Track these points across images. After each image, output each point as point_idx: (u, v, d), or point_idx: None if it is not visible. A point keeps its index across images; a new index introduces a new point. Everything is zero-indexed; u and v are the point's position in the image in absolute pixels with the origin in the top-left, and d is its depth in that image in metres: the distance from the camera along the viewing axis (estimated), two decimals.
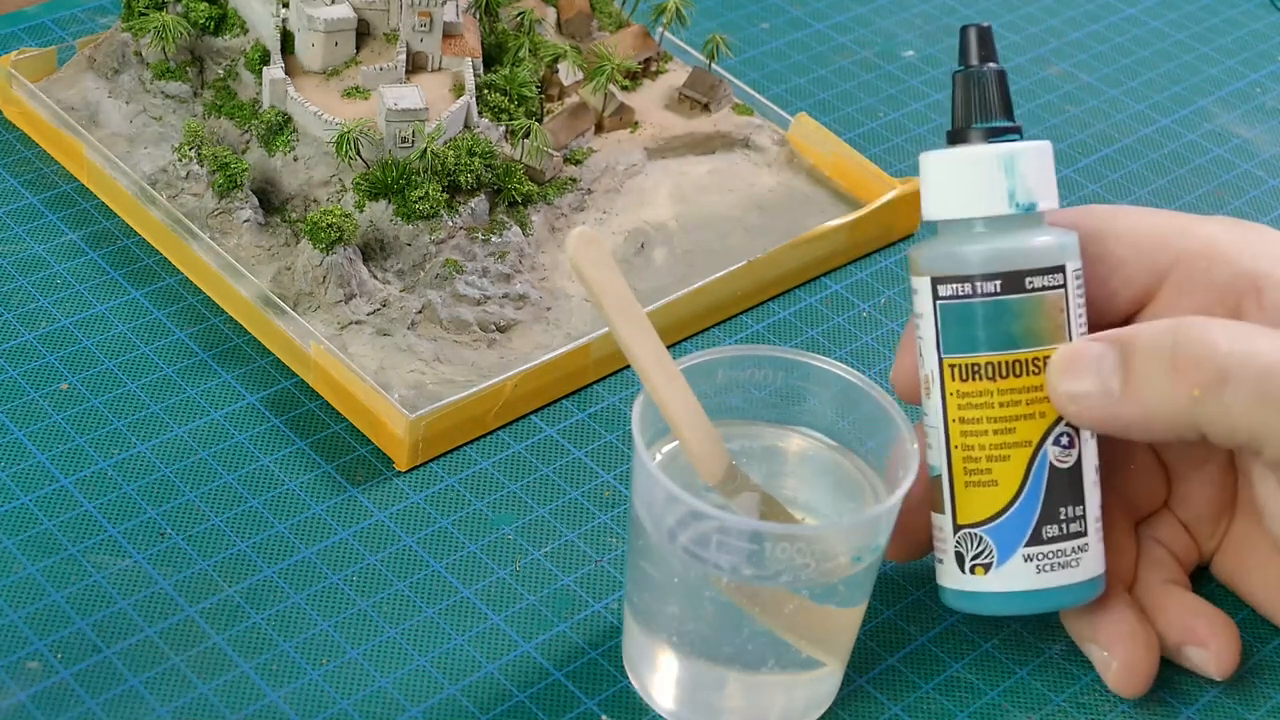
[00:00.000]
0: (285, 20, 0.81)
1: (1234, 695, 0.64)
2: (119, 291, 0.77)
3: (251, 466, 0.70)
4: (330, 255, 0.74)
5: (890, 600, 0.66)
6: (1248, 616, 0.66)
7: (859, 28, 0.99)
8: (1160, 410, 0.56)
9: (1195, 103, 0.95)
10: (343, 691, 0.61)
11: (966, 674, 0.64)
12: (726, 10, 0.99)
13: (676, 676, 0.61)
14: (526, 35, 0.84)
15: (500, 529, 0.68)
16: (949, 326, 0.58)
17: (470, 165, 0.76)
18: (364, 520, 0.68)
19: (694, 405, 0.57)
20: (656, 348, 0.56)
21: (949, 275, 0.58)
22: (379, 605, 0.65)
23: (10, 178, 0.83)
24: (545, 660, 0.63)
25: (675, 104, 0.86)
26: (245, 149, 0.80)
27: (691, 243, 0.80)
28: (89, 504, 0.67)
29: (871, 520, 0.58)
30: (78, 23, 0.92)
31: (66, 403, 0.71)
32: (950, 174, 0.59)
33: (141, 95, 0.84)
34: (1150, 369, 0.56)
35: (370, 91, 0.80)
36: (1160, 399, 0.56)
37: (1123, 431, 0.57)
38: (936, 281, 0.58)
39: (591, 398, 0.74)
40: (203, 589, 0.64)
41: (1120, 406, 0.56)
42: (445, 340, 0.74)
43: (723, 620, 0.58)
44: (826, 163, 0.85)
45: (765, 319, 0.79)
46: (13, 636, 0.62)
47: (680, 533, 0.57)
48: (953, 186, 0.59)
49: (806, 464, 0.62)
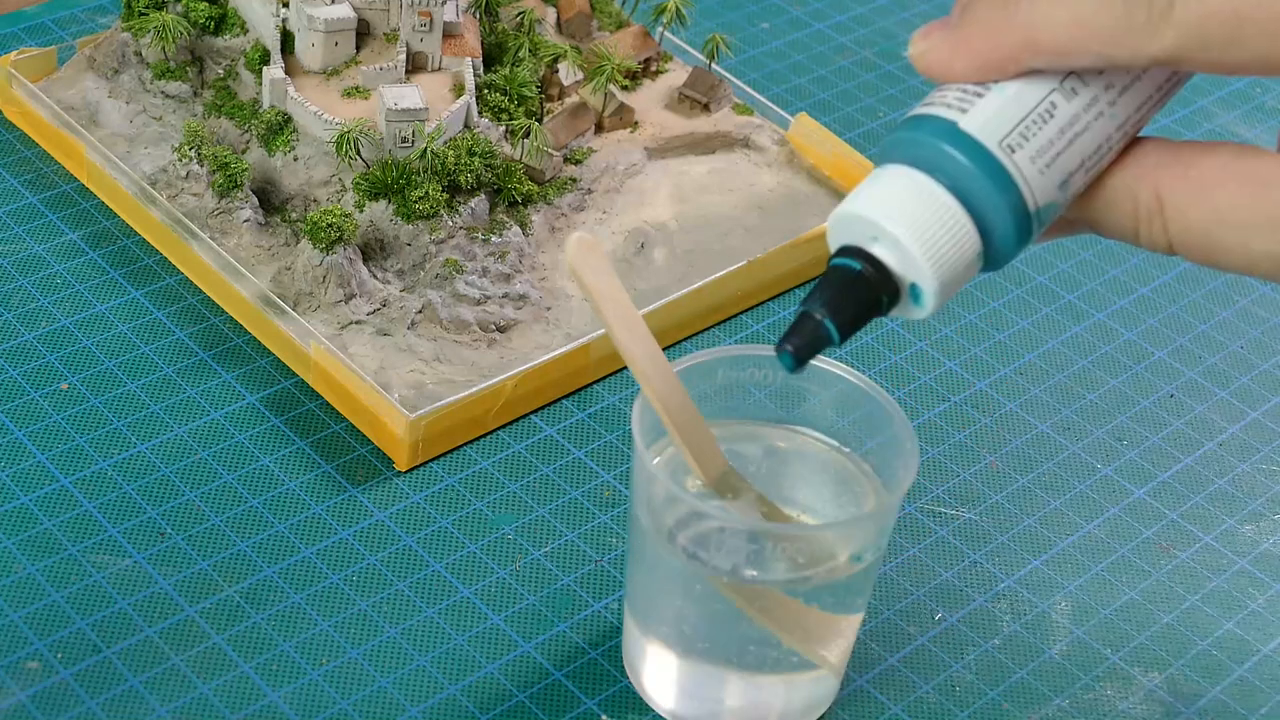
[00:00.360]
0: (285, 20, 0.81)
1: (1234, 695, 0.64)
2: (119, 291, 0.77)
3: (251, 466, 0.70)
4: (330, 255, 0.74)
5: (890, 600, 0.66)
6: (1245, 617, 0.66)
7: (859, 28, 0.99)
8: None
9: (1195, 103, 0.95)
10: (343, 691, 0.61)
11: (966, 674, 0.64)
12: (726, 10, 0.99)
13: (676, 677, 0.61)
14: (526, 35, 0.84)
15: (500, 529, 0.68)
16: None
17: (470, 165, 0.76)
18: (364, 520, 0.68)
19: (690, 409, 0.57)
20: (654, 352, 0.56)
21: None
22: (379, 605, 0.65)
23: (10, 178, 0.83)
24: (545, 660, 0.63)
25: (675, 104, 0.86)
26: (245, 149, 0.80)
27: (691, 243, 0.80)
28: (89, 504, 0.67)
29: (871, 520, 0.58)
30: (78, 23, 0.92)
31: (66, 403, 0.71)
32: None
33: (141, 95, 0.84)
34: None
35: (370, 91, 0.80)
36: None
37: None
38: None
39: (591, 398, 0.74)
40: (203, 589, 0.64)
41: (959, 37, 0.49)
42: (445, 340, 0.74)
43: (722, 620, 0.58)
44: (826, 163, 0.85)
45: (765, 319, 0.79)
46: (13, 636, 0.62)
47: (680, 533, 0.57)
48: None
49: (806, 464, 0.62)
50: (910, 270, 0.48)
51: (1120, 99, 0.48)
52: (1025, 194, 0.47)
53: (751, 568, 0.56)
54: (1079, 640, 0.66)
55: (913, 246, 0.47)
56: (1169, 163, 0.48)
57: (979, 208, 0.47)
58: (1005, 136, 0.47)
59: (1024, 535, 0.70)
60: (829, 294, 0.49)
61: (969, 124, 0.47)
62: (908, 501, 0.70)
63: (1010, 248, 0.48)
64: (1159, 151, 0.48)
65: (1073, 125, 0.48)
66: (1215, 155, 0.48)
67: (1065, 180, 0.48)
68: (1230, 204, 0.47)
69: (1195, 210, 0.47)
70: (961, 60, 0.48)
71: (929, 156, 0.48)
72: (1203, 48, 0.45)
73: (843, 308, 0.49)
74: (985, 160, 0.47)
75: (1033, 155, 0.47)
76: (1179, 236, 0.48)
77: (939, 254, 0.47)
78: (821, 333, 0.49)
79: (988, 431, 0.74)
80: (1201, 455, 0.74)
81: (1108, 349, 0.79)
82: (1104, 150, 0.48)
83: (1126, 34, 0.46)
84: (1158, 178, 0.48)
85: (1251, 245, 0.47)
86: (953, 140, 0.47)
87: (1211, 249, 0.48)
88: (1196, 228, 0.47)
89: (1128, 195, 0.48)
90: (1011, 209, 0.47)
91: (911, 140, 0.48)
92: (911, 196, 0.48)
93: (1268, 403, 0.77)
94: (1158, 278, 0.83)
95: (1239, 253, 0.47)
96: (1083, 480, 0.72)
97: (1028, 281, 0.82)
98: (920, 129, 0.48)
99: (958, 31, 0.48)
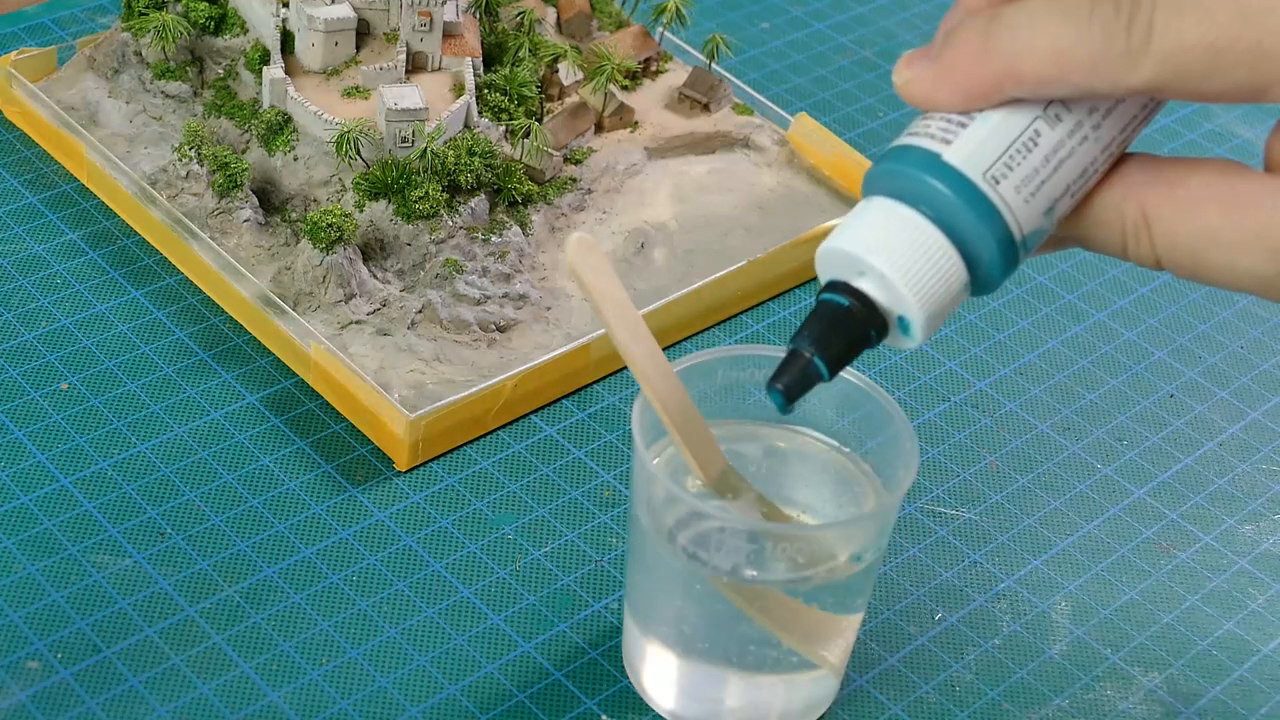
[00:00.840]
0: (285, 20, 0.81)
1: (1234, 695, 0.64)
2: (119, 291, 0.77)
3: (251, 466, 0.70)
4: (330, 255, 0.74)
5: (890, 600, 0.66)
6: (1245, 616, 0.66)
7: (859, 28, 0.99)
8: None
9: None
10: (343, 691, 0.61)
11: (966, 674, 0.64)
12: (726, 10, 0.99)
13: (676, 677, 0.61)
14: (526, 35, 0.84)
15: (500, 529, 0.68)
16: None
17: (470, 165, 0.76)
18: (364, 520, 0.68)
19: (690, 409, 0.57)
20: (653, 352, 0.56)
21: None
22: (379, 605, 0.65)
23: (10, 178, 0.83)
24: (545, 660, 0.63)
25: (675, 104, 0.86)
26: (245, 149, 0.80)
27: (691, 243, 0.80)
28: (89, 504, 0.67)
29: (871, 520, 0.58)
30: (78, 23, 0.92)
31: (66, 403, 0.71)
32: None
33: (141, 95, 0.84)
34: (964, 31, 0.50)
35: (370, 91, 0.80)
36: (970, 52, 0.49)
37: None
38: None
39: (591, 398, 0.74)
40: (203, 589, 0.64)
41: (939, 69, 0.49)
42: (445, 340, 0.74)
43: (722, 620, 0.58)
44: (826, 163, 0.85)
45: (765, 319, 0.79)
46: (13, 636, 0.62)
47: (680, 533, 0.57)
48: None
49: (806, 464, 0.62)
50: (897, 304, 0.48)
51: (1105, 122, 0.48)
52: (1010, 224, 0.48)
53: (751, 568, 0.56)
54: (1079, 640, 0.66)
55: (898, 282, 0.48)
56: (1155, 180, 0.48)
57: (964, 240, 0.47)
58: (989, 168, 0.47)
59: (1024, 535, 0.70)
60: (817, 330, 0.49)
61: (952, 156, 0.47)
62: (908, 501, 0.70)
63: (997, 276, 0.48)
64: (1145, 169, 0.49)
65: (1057, 152, 0.48)
66: (1201, 173, 0.48)
67: (1050, 207, 0.48)
68: (1216, 223, 0.47)
69: (1182, 229, 0.48)
70: (944, 90, 0.48)
71: (913, 189, 0.48)
72: (1181, 78, 0.46)
73: (831, 344, 0.49)
74: (969, 193, 0.47)
75: (1017, 185, 0.47)
76: (1166, 254, 0.48)
77: (925, 288, 0.48)
78: (811, 370, 0.49)
79: (988, 431, 0.74)
80: (1201, 455, 0.74)
81: (1108, 349, 0.79)
82: (1089, 174, 0.48)
83: (1106, 65, 0.46)
84: (1144, 196, 0.48)
85: (1237, 264, 0.47)
86: (936, 173, 0.47)
87: (1198, 266, 0.48)
88: (1183, 245, 0.48)
89: (1115, 213, 0.49)
90: (997, 240, 0.47)
91: (896, 173, 0.48)
92: (896, 231, 0.48)
93: (1268, 403, 0.77)
94: (1158, 278, 0.83)
95: (1225, 270, 0.48)
96: (1083, 480, 0.72)
97: (1028, 281, 0.82)
98: (904, 161, 0.48)
99: (939, 62, 0.49)
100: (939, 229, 0.47)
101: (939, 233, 0.48)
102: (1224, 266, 0.47)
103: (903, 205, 0.48)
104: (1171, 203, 0.48)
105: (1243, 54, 0.45)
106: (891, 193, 0.48)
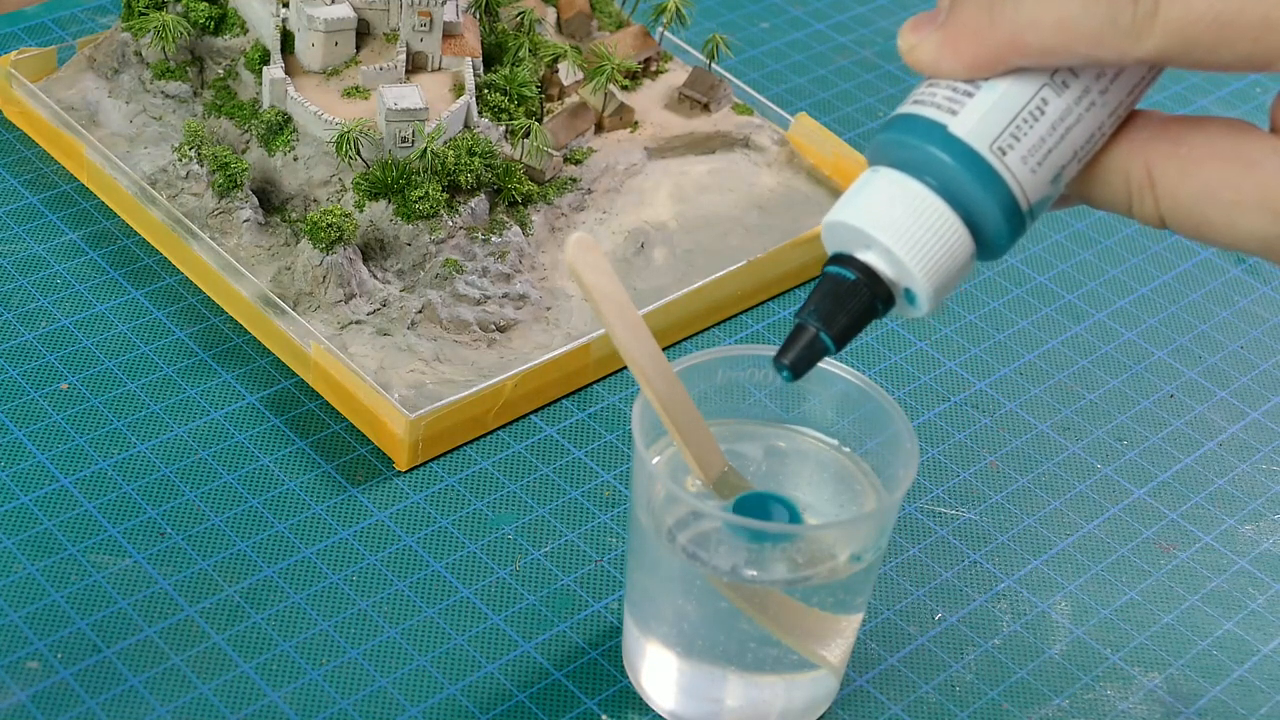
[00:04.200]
0: (285, 20, 0.81)
1: (1234, 695, 0.64)
2: (119, 291, 0.77)
3: (251, 466, 0.70)
4: (330, 255, 0.74)
5: (890, 600, 0.66)
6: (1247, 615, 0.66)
7: (859, 28, 0.99)
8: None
9: (1195, 102, 0.95)
10: (343, 691, 0.61)
11: (966, 674, 0.64)
12: (726, 10, 0.99)
13: (676, 676, 0.61)
14: (526, 35, 0.84)
15: (500, 529, 0.68)
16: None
17: (470, 165, 0.76)
18: (364, 520, 0.68)
19: (690, 408, 0.57)
20: (654, 352, 0.56)
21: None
22: (379, 605, 0.65)
23: (10, 178, 0.83)
24: (545, 660, 0.63)
25: (675, 104, 0.86)
26: (245, 149, 0.80)
27: (691, 243, 0.80)
28: (89, 504, 0.67)
29: (871, 520, 0.58)
30: (78, 23, 0.92)
31: (66, 403, 0.71)
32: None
33: (141, 95, 0.84)
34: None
35: (370, 91, 0.80)
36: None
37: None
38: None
39: (591, 398, 0.74)
40: (203, 589, 0.64)
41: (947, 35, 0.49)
42: (445, 340, 0.74)
43: (722, 621, 0.58)
44: (826, 163, 0.85)
45: (765, 319, 0.79)
46: (13, 636, 0.62)
47: (680, 533, 0.57)
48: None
49: (806, 464, 0.62)
50: (903, 277, 0.48)
51: (1112, 86, 0.48)
52: (1017, 194, 0.47)
53: (751, 568, 0.56)
54: (1079, 640, 0.66)
55: (904, 255, 0.47)
56: (1160, 137, 0.48)
57: (971, 211, 0.47)
58: (996, 139, 0.47)
59: (1024, 535, 0.70)
60: (824, 304, 0.49)
61: (959, 127, 0.47)
62: (908, 501, 0.70)
63: (1004, 244, 0.48)
64: (1151, 126, 0.48)
65: (1064, 120, 0.47)
66: (1205, 131, 0.48)
67: (1058, 174, 0.48)
68: (1217, 182, 0.47)
69: (1184, 186, 0.47)
70: (948, 59, 0.48)
71: (919, 160, 0.47)
72: (1187, 50, 0.45)
73: (838, 317, 0.49)
74: (977, 166, 0.47)
75: (1024, 155, 0.47)
76: (1169, 211, 0.48)
77: (931, 260, 0.47)
78: (818, 344, 0.49)
79: (988, 431, 0.74)
80: (1201, 455, 0.74)
81: (1108, 349, 0.79)
82: (1096, 138, 0.48)
83: (1112, 37, 0.46)
84: (1149, 152, 0.48)
85: (1238, 223, 0.47)
86: (943, 144, 0.47)
87: (1199, 225, 0.48)
88: (1185, 203, 0.47)
89: (1120, 170, 0.48)
90: (1004, 210, 0.47)
91: (902, 143, 0.48)
92: (902, 203, 0.47)
93: (1268, 403, 0.77)
94: (1158, 278, 0.83)
95: (1225, 230, 0.47)
96: (1083, 480, 0.72)
97: (1028, 281, 0.82)
98: (910, 131, 0.48)
99: (944, 30, 0.48)
100: (945, 200, 0.47)
101: (945, 205, 0.47)
102: (1225, 226, 0.47)
103: (908, 177, 0.48)
104: (1175, 160, 0.48)
105: (1248, 27, 0.45)
106: (897, 163, 0.48)
